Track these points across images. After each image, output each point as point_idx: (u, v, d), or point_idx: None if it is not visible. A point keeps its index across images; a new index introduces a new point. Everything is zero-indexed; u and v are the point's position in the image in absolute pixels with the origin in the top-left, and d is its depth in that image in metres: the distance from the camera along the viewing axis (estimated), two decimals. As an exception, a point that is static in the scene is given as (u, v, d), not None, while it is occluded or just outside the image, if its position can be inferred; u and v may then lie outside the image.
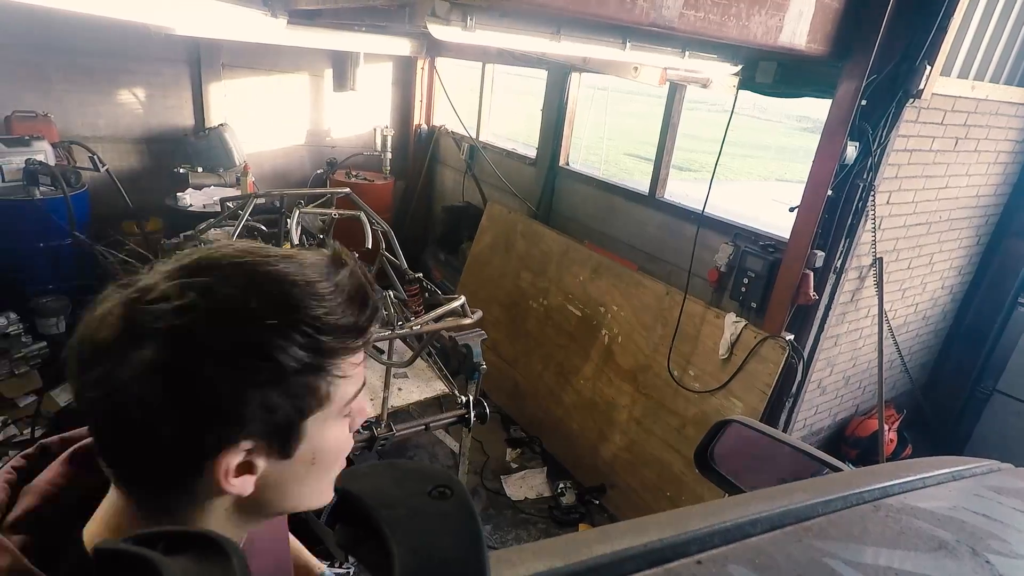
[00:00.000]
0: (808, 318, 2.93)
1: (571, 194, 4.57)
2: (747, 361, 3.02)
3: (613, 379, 3.72)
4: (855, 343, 3.35)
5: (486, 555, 0.36)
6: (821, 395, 3.38)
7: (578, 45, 2.46)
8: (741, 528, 0.72)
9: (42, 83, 4.47)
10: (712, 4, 2.05)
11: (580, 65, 4.05)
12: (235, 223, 3.25)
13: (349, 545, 0.41)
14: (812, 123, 18.72)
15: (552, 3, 1.81)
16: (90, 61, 4.58)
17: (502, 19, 2.24)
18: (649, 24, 1.99)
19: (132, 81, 4.81)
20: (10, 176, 3.85)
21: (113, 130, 4.84)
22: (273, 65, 5.32)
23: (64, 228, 4.05)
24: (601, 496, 3.62)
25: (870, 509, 0.84)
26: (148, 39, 4.38)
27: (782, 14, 2.20)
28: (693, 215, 3.50)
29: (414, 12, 2.54)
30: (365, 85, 5.68)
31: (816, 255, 2.77)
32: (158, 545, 0.35)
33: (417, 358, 2.65)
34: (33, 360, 3.79)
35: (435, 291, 2.90)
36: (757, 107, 19.21)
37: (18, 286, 4.02)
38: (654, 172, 3.87)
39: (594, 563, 0.60)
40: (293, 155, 5.76)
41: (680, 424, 3.32)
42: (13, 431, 3.60)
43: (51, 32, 4.28)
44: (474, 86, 5.56)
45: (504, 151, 5.24)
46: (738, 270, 3.20)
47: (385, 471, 0.43)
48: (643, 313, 3.61)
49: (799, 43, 2.32)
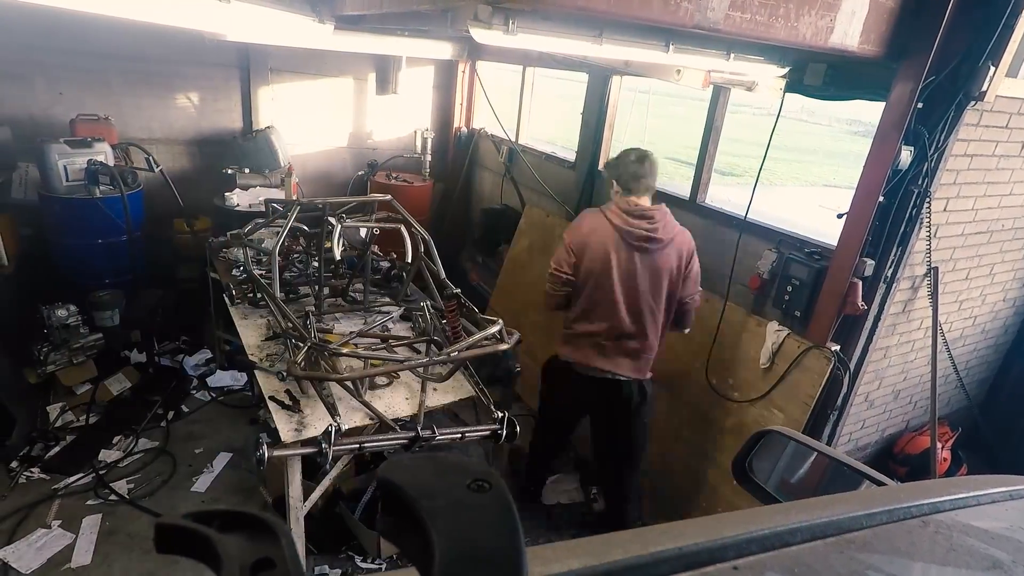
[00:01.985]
0: (856, 328, 2.82)
1: (610, 198, 4.52)
2: (789, 371, 2.93)
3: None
4: (906, 356, 3.21)
5: (523, 547, 0.37)
6: (868, 409, 3.25)
7: (620, 48, 2.43)
8: (780, 536, 0.70)
9: (104, 88, 4.70)
10: (759, 5, 2.00)
11: (621, 68, 4.02)
12: (279, 224, 3.35)
13: (390, 533, 0.42)
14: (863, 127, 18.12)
15: (595, 6, 1.80)
16: (148, 67, 4.79)
17: (544, 22, 2.24)
18: (693, 26, 1.95)
19: (185, 86, 5.01)
20: (73, 176, 4.05)
21: (167, 132, 5.05)
22: (318, 69, 5.46)
23: (120, 226, 4.24)
24: (635, 504, 3.57)
25: (918, 524, 0.81)
26: (201, 46, 4.56)
27: (833, 14, 2.13)
28: (735, 221, 3.42)
29: (456, 16, 2.57)
30: (407, 88, 5.77)
31: (865, 263, 2.67)
32: (213, 523, 0.36)
33: (451, 376, 2.68)
34: (90, 350, 3.98)
35: (472, 309, 2.93)
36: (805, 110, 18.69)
37: (78, 280, 4.24)
38: (695, 177, 3.80)
39: (628, 563, 0.60)
40: (335, 157, 5.90)
41: (718, 433, 3.24)
42: (70, 417, 3.79)
43: (114, 40, 4.50)
44: (514, 89, 5.58)
45: (543, 154, 5.23)
46: (781, 277, 3.11)
47: (426, 463, 0.44)
48: (681, 319, 3.55)
49: (851, 44, 2.24)
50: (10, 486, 3.23)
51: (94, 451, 3.54)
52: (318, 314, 3.16)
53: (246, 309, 3.30)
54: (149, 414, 3.88)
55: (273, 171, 5.12)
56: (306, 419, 2.42)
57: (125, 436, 3.70)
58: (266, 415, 3.23)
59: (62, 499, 3.21)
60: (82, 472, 3.38)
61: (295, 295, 3.47)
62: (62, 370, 3.86)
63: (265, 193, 4.75)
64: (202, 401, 4.15)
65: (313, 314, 3.04)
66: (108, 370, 4.03)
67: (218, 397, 4.20)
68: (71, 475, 3.35)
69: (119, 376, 4.04)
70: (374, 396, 2.62)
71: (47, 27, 4.24)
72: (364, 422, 2.49)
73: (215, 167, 5.11)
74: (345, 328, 3.14)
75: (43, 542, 2.93)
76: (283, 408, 2.48)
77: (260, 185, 5.03)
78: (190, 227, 4.73)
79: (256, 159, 5.07)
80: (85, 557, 2.88)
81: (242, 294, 3.35)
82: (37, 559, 2.84)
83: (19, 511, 3.08)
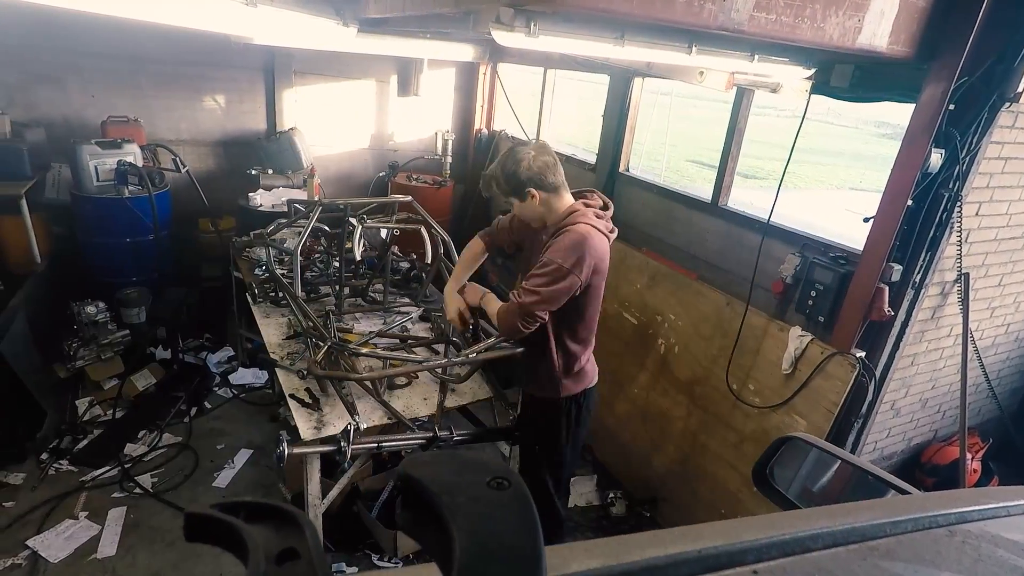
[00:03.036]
0: (882, 335, 2.76)
1: (630, 200, 4.50)
2: (812, 377, 2.87)
3: (668, 390, 3.63)
4: (935, 364, 3.13)
5: (542, 544, 0.37)
6: (894, 417, 3.17)
7: (642, 50, 2.42)
8: (800, 542, 0.69)
9: (134, 90, 4.81)
10: (784, 5, 1.98)
11: (643, 70, 3.99)
12: (301, 225, 3.39)
13: (410, 528, 0.43)
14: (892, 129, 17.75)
15: (617, 7, 1.79)
16: (176, 70, 4.90)
17: (566, 24, 2.23)
18: (717, 27, 1.93)
19: (212, 88, 5.11)
20: (104, 176, 4.16)
21: (194, 134, 5.15)
22: (341, 72, 5.52)
23: (148, 225, 4.34)
24: (652, 509, 3.54)
25: (944, 534, 0.79)
26: (228, 49, 4.65)
27: (861, 14, 2.09)
28: (758, 224, 3.37)
29: (478, 18, 2.58)
30: (428, 90, 5.81)
31: (892, 268, 2.60)
32: (240, 513, 0.38)
33: (469, 378, 2.69)
34: (117, 347, 4.07)
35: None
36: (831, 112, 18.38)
37: (106, 278, 4.35)
38: (717, 179, 3.76)
39: (646, 564, 0.60)
40: (357, 158, 5.96)
41: (738, 439, 3.20)
42: (97, 411, 3.88)
43: (144, 44, 4.60)
44: (535, 91, 5.58)
45: (564, 156, 5.22)
46: (805, 282, 3.05)
47: (446, 460, 0.45)
48: (702, 323, 3.51)
49: (880, 44, 2.19)
50: (40, 477, 3.32)
51: (120, 445, 3.62)
52: (338, 314, 3.19)
53: (268, 308, 3.34)
54: (173, 410, 3.95)
55: (296, 172, 5.19)
56: (325, 417, 2.45)
57: (150, 431, 3.78)
58: (286, 413, 3.27)
59: (89, 491, 3.28)
60: (108, 465, 3.46)
61: (316, 295, 3.51)
62: (91, 365, 3.96)
63: (288, 194, 4.82)
64: (224, 398, 4.23)
65: (333, 314, 3.07)
66: (134, 366, 4.12)
67: (240, 394, 4.27)
68: (98, 468, 3.43)
69: (145, 372, 4.13)
70: (393, 396, 2.64)
71: (82, 31, 4.35)
72: (383, 421, 2.50)
73: (239, 168, 5.19)
74: (365, 328, 3.16)
75: (70, 532, 3.00)
76: (303, 406, 2.51)
77: (283, 186, 5.10)
78: (215, 227, 4.82)
79: (279, 160, 5.14)
80: (110, 548, 2.95)
81: (264, 293, 3.40)
82: (65, 549, 2.91)
83: (48, 502, 3.16)
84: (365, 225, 3.21)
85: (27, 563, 2.82)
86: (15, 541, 2.92)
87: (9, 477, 3.29)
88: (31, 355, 3.63)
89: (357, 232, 3.08)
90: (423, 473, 0.42)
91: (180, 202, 4.75)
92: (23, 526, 3.01)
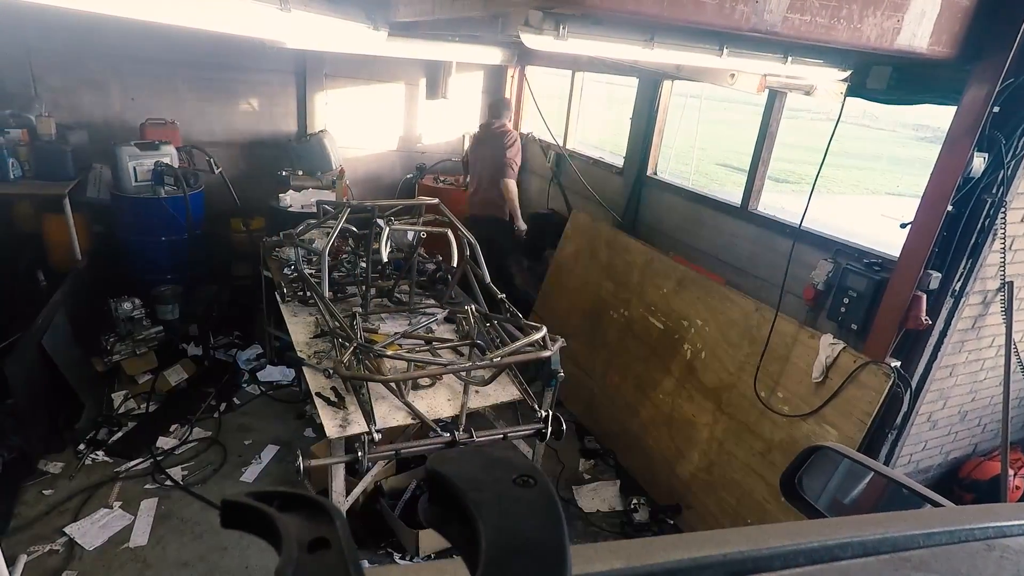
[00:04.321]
0: (918, 344, 2.68)
1: (658, 204, 4.46)
2: (844, 386, 2.80)
3: (694, 396, 3.58)
4: (975, 375, 3.02)
5: (567, 541, 0.38)
6: (931, 430, 3.07)
7: (672, 52, 2.39)
8: (829, 550, 0.68)
9: (172, 93, 4.96)
10: (820, 6, 1.93)
11: (673, 72, 3.95)
12: (329, 225, 3.44)
13: (436, 522, 0.44)
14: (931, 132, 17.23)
15: (646, 9, 1.78)
16: (211, 73, 5.03)
17: (594, 27, 2.22)
18: (749, 29, 1.90)
19: (246, 91, 5.23)
20: (142, 176, 4.29)
21: (227, 135, 5.28)
22: (371, 75, 5.60)
23: (182, 224, 4.45)
24: (676, 516, 3.49)
25: (982, 547, 0.76)
26: (261, 53, 4.75)
27: (901, 14, 2.04)
28: (789, 229, 3.31)
29: (507, 21, 2.58)
30: (456, 93, 5.85)
31: (931, 276, 2.52)
32: (273, 502, 0.39)
33: (493, 380, 2.69)
34: (151, 342, 4.19)
35: (516, 314, 2.93)
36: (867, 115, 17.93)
37: (142, 275, 4.48)
38: (747, 183, 3.70)
39: (671, 567, 0.59)
40: (385, 160, 6.02)
41: (765, 448, 3.13)
42: (132, 404, 4.00)
43: (182, 48, 4.74)
44: (563, 94, 5.57)
45: (591, 159, 5.20)
46: (837, 288, 2.98)
47: (473, 457, 0.46)
48: (729, 329, 3.45)
49: (920, 45, 2.13)
50: (77, 467, 3.43)
51: (152, 438, 3.72)
52: (364, 314, 3.22)
53: (296, 307, 3.40)
54: (203, 405, 4.05)
55: (325, 173, 5.28)
56: (350, 416, 2.47)
57: (181, 425, 3.88)
58: (312, 410, 3.32)
59: (123, 482, 3.38)
60: (141, 457, 3.56)
61: (343, 295, 3.55)
62: (126, 360, 4.08)
63: (317, 195, 4.90)
64: (252, 395, 4.31)
65: (360, 314, 3.11)
66: (167, 361, 4.23)
67: (267, 391, 4.35)
68: (131, 459, 3.53)
69: (177, 368, 4.24)
70: (417, 396, 2.66)
71: (124, 37, 4.50)
72: (406, 421, 2.52)
73: (271, 169, 5.30)
74: (390, 328, 3.19)
75: (105, 521, 3.09)
76: (329, 405, 2.54)
77: (312, 187, 5.19)
78: (246, 227, 4.92)
79: (309, 162, 5.23)
80: (142, 538, 3.03)
81: (292, 292, 3.46)
82: (99, 537, 3.00)
83: (85, 491, 3.26)
84: (392, 227, 3.25)
85: (64, 550, 2.92)
86: (53, 528, 3.02)
87: (48, 466, 3.40)
88: (71, 349, 3.76)
89: (384, 233, 3.12)
90: (450, 469, 0.42)
91: (213, 202, 4.87)
92: (60, 514, 3.11)
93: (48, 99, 4.54)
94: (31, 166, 4.11)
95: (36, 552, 2.87)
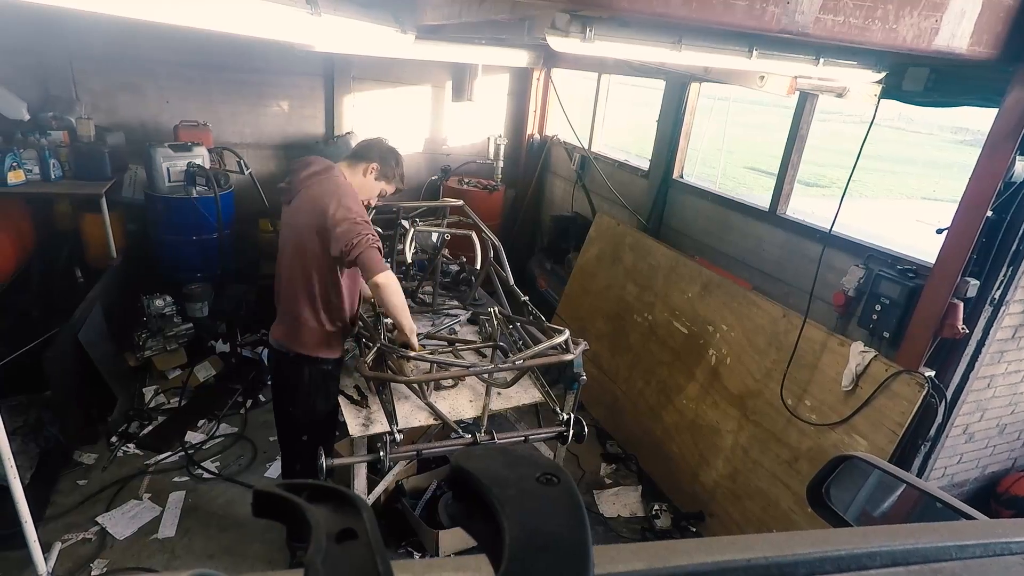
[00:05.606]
0: (954, 354, 2.60)
1: (683, 208, 4.41)
2: (875, 396, 2.73)
3: (719, 402, 3.53)
4: (1015, 387, 2.92)
5: (590, 540, 0.38)
6: (967, 443, 2.98)
7: (700, 54, 2.36)
8: (857, 559, 0.66)
9: (204, 96, 5.07)
10: (854, 6, 1.89)
11: (700, 75, 3.90)
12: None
13: (461, 518, 0.44)
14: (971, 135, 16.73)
15: (675, 12, 1.76)
16: (242, 76, 5.13)
17: (621, 29, 2.21)
18: (780, 31, 1.87)
19: (275, 94, 5.32)
20: (175, 177, 4.39)
21: (257, 137, 5.38)
22: (398, 77, 5.65)
23: (213, 224, 4.55)
24: (698, 524, 3.44)
25: (1018, 561, 0.73)
26: (291, 56, 4.84)
27: (939, 14, 1.98)
28: (819, 234, 3.24)
29: (534, 24, 2.58)
30: (482, 96, 5.87)
31: (968, 283, 2.45)
32: (303, 493, 0.40)
33: (516, 382, 2.68)
34: (181, 339, 4.28)
35: (539, 316, 2.93)
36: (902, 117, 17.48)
37: (173, 273, 4.59)
38: (776, 187, 3.64)
39: (693, 570, 0.59)
40: (410, 162, 6.01)
41: (791, 457, 3.07)
42: (162, 399, 4.10)
43: (214, 52, 4.85)
44: (589, 96, 5.55)
45: (616, 162, 5.17)
46: (869, 295, 2.91)
47: (497, 455, 0.46)
48: (756, 335, 3.39)
49: (959, 46, 2.07)
50: (110, 459, 3.53)
51: (182, 432, 3.81)
52: (388, 314, 3.24)
53: (322, 306, 3.43)
54: (230, 401, 4.13)
55: (352, 175, 5.33)
56: (373, 415, 2.50)
57: (208, 420, 3.96)
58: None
59: (152, 475, 3.47)
60: (170, 451, 3.64)
61: (368, 294, 3.59)
62: (157, 355, 4.19)
63: (344, 196, 4.94)
64: (278, 392, 4.37)
65: (383, 315, 3.13)
66: (196, 358, 4.33)
67: (293, 389, 4.41)
68: (160, 453, 3.62)
69: (205, 364, 4.33)
70: (439, 397, 2.67)
71: (159, 42, 4.63)
72: (428, 422, 2.53)
73: (299, 170, 5.37)
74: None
75: (135, 512, 3.18)
76: (352, 403, 2.57)
77: (340, 188, 5.24)
78: (274, 227, 5.01)
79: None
80: (170, 530, 3.10)
81: (319, 292, 3.50)
82: (129, 527, 3.08)
83: (117, 482, 3.36)
84: (417, 228, 3.27)
85: (96, 538, 3.00)
86: (87, 517, 3.12)
87: (83, 457, 3.51)
88: (106, 344, 3.87)
89: (409, 235, 3.14)
90: (475, 466, 0.43)
91: (242, 202, 4.97)
92: (94, 503, 3.21)
93: (88, 102, 4.69)
94: (71, 167, 4.25)
95: (70, 540, 2.96)
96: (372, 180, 2.60)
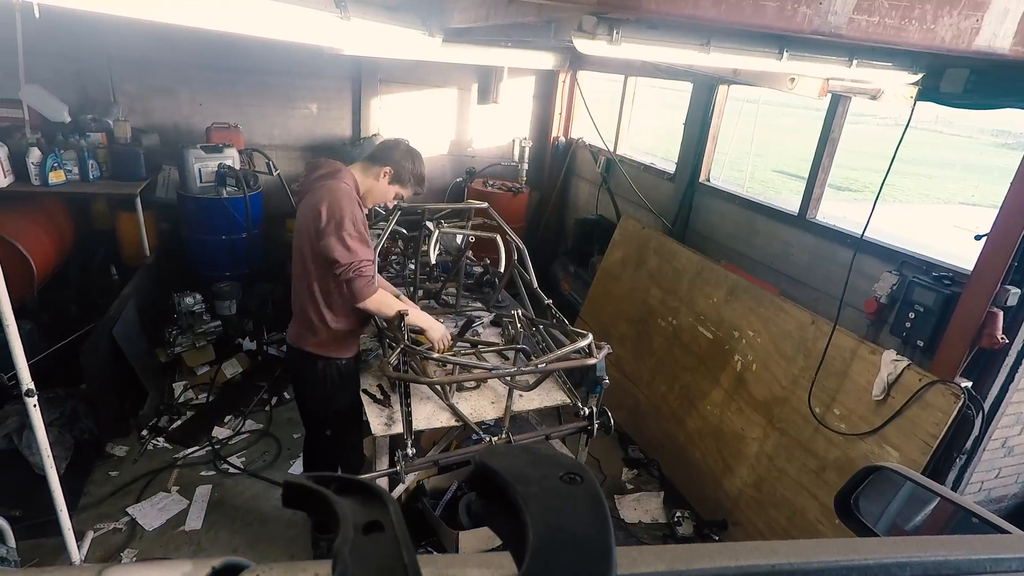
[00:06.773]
0: (993, 364, 2.51)
1: (710, 211, 4.35)
2: (908, 406, 2.65)
3: (744, 409, 3.47)
4: (1056, 400, 2.81)
5: (613, 538, 0.38)
6: (1006, 456, 2.88)
7: (729, 56, 2.33)
8: (886, 568, 0.64)
9: (235, 99, 5.19)
10: (889, 6, 1.84)
11: (729, 77, 3.85)
12: (380, 227, 3.51)
13: (484, 515, 0.45)
14: (1013, 138, 16.20)
15: (703, 13, 1.73)
16: (271, 79, 5.23)
17: (649, 31, 2.19)
18: (812, 32, 1.83)
19: (304, 96, 5.41)
20: (206, 178, 4.50)
21: (285, 139, 5.48)
22: (424, 80, 5.70)
23: (242, 224, 4.65)
24: (721, 532, 3.38)
25: None
26: (319, 60, 4.91)
27: (980, 13, 1.92)
28: (850, 239, 3.17)
29: (560, 27, 2.58)
30: (507, 98, 5.89)
31: (1008, 292, 2.37)
32: (331, 486, 0.41)
33: (538, 385, 2.68)
34: (210, 336, 4.38)
35: (562, 320, 2.92)
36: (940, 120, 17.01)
37: (203, 272, 4.69)
38: (806, 191, 3.57)
39: (716, 573, 0.58)
40: (435, 164, 6.11)
41: (819, 466, 3.00)
42: (190, 395, 4.19)
43: (245, 56, 4.95)
44: (615, 99, 5.53)
45: (641, 165, 5.13)
46: (902, 302, 2.83)
47: (521, 453, 0.47)
48: (783, 341, 3.33)
49: (1002, 46, 2.00)
50: (140, 452, 3.62)
51: (209, 427, 3.89)
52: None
53: (347, 306, 3.47)
54: (256, 398, 4.20)
55: (378, 176, 5.39)
56: (396, 414, 2.51)
57: (235, 416, 4.04)
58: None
59: (180, 468, 3.55)
60: (198, 445, 3.72)
61: (392, 295, 3.61)
62: (187, 352, 4.28)
63: (370, 197, 5.00)
64: (303, 390, 4.44)
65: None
66: (224, 355, 4.42)
67: (317, 387, 4.47)
68: (189, 447, 3.70)
69: (232, 361, 4.42)
70: (461, 397, 2.68)
71: (193, 46, 4.74)
72: (450, 423, 2.54)
73: (327, 172, 5.45)
74: (436, 329, 3.22)
75: (163, 504, 3.25)
76: (375, 402, 2.59)
77: (366, 189, 5.31)
78: (301, 227, 5.08)
79: (363, 165, 5.36)
80: (196, 522, 3.16)
81: (344, 291, 3.54)
82: (158, 519, 3.16)
83: (147, 475, 3.44)
84: (442, 230, 3.28)
85: (127, 528, 3.09)
86: (118, 507, 3.20)
87: (115, 449, 3.61)
88: (139, 340, 3.98)
89: (434, 236, 3.16)
90: (499, 463, 0.43)
91: (271, 203, 5.06)
92: (124, 495, 3.29)
93: (124, 104, 4.84)
94: (108, 167, 4.38)
95: (102, 529, 3.05)
96: (386, 184, 2.58)
